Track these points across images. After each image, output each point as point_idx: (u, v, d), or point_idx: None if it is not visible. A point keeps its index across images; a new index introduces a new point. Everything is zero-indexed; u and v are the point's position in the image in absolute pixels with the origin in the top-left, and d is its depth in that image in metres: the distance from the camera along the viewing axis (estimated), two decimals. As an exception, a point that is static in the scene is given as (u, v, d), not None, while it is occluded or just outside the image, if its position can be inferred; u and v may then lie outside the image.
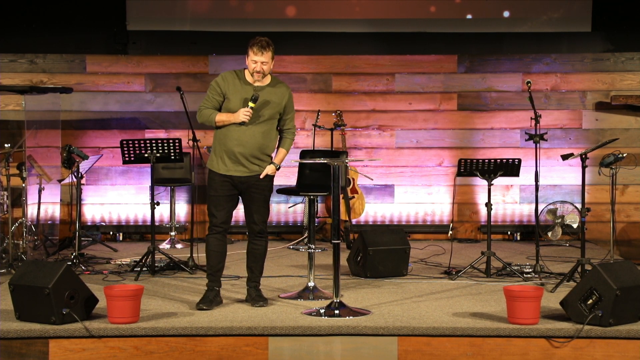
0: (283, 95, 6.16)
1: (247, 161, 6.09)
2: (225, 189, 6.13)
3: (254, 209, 6.18)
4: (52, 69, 9.68)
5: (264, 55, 5.99)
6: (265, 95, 6.09)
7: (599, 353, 5.56)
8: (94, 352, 5.55)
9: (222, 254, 6.22)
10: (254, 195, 6.16)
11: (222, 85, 6.12)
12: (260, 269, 6.31)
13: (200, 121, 6.21)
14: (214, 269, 6.22)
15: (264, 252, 6.29)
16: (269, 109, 6.10)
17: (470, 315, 5.93)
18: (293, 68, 9.78)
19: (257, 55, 6.00)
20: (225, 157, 6.10)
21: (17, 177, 8.02)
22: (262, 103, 6.07)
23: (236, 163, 6.09)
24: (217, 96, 6.13)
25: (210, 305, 6.11)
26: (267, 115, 6.09)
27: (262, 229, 6.23)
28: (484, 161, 7.47)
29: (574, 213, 9.31)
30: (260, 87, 6.10)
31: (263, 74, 6.06)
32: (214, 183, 6.15)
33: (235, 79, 6.14)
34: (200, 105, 6.19)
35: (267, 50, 5.99)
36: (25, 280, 5.72)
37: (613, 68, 9.73)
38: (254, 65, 6.03)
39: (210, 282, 6.23)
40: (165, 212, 9.44)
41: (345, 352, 5.60)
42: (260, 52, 5.99)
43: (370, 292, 6.72)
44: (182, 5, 9.67)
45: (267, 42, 6.02)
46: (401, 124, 9.80)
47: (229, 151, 6.08)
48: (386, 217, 9.82)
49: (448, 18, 9.72)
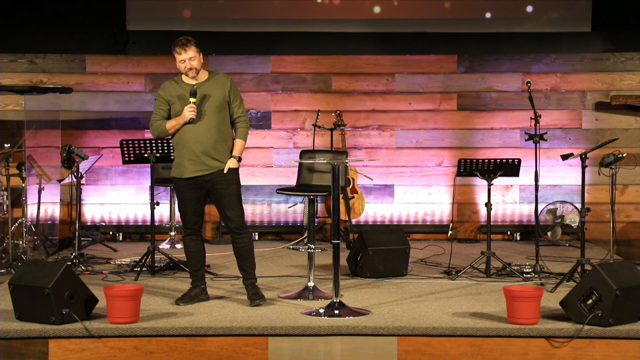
0: (224, 84, 6.22)
1: (208, 157, 6.12)
2: (192, 192, 6.18)
3: (224, 205, 6.18)
4: (51, 69, 9.68)
5: (188, 52, 6.11)
6: (205, 89, 6.16)
7: (599, 353, 5.56)
8: (94, 352, 5.55)
9: (199, 253, 6.31)
10: (222, 191, 6.17)
11: (163, 95, 6.24)
12: (251, 265, 6.30)
13: (155, 135, 6.32)
14: (194, 268, 6.33)
15: (249, 247, 6.27)
16: (213, 101, 6.15)
17: (470, 315, 5.93)
18: (293, 68, 9.78)
19: (182, 54, 6.13)
20: (185, 161, 6.14)
21: (17, 177, 8.02)
22: (203, 97, 6.14)
23: (196, 163, 6.12)
24: (162, 106, 6.23)
25: (189, 302, 6.21)
26: (214, 108, 6.14)
27: (239, 224, 6.21)
28: (484, 161, 7.47)
29: (573, 213, 9.31)
30: (198, 83, 6.18)
31: (195, 69, 6.15)
32: (179, 188, 6.22)
33: (173, 85, 6.25)
34: (151, 120, 6.30)
35: (189, 46, 6.12)
36: (25, 280, 5.72)
37: (613, 68, 9.74)
38: (183, 64, 6.14)
39: (193, 280, 6.33)
40: (165, 212, 9.45)
41: (345, 352, 5.60)
42: (183, 50, 6.12)
43: (370, 292, 6.72)
44: (182, 5, 9.66)
45: (187, 39, 6.17)
46: (401, 124, 9.80)
47: (189, 151, 6.12)
48: (386, 217, 9.82)
49: (448, 18, 9.72)
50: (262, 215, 9.81)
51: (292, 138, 9.73)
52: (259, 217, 9.80)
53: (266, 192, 9.77)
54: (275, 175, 9.75)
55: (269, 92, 9.78)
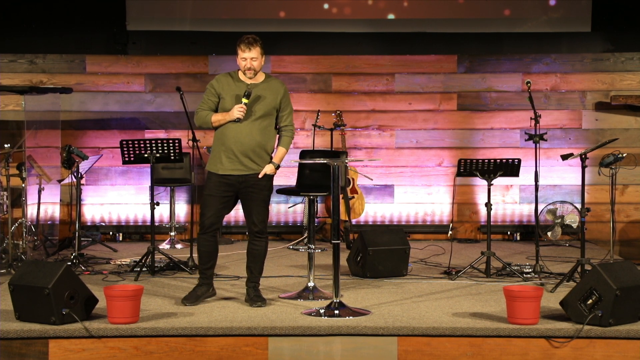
0: (278, 91, 6.18)
1: (246, 159, 6.10)
2: (221, 190, 6.14)
3: (252, 208, 6.18)
4: (51, 69, 9.68)
5: (252, 51, 6.05)
6: (259, 91, 6.12)
7: (599, 353, 5.56)
8: (94, 353, 5.55)
9: (211, 253, 6.27)
10: (253, 194, 6.16)
11: (216, 87, 6.18)
12: (259, 269, 6.31)
13: (198, 124, 6.25)
14: (204, 266, 6.30)
15: (263, 252, 6.28)
16: (263, 105, 6.11)
17: (470, 315, 5.93)
18: (293, 68, 9.78)
19: (246, 52, 6.06)
20: (223, 157, 6.11)
21: (17, 177, 8.02)
22: (255, 99, 6.09)
23: (234, 162, 6.10)
24: (212, 97, 6.18)
25: (195, 301, 6.19)
26: (262, 112, 6.11)
27: (261, 229, 6.22)
28: (484, 161, 7.47)
29: (573, 213, 9.31)
30: (253, 84, 6.13)
31: (254, 71, 6.11)
32: (210, 183, 6.17)
33: (228, 79, 6.20)
34: (197, 108, 6.25)
35: (254, 46, 6.06)
36: (25, 280, 5.72)
37: (613, 68, 9.73)
38: (244, 62, 6.09)
39: (201, 278, 6.32)
40: (165, 212, 9.44)
41: (345, 352, 5.60)
42: (247, 48, 6.05)
43: (370, 292, 6.72)
44: (182, 5, 9.66)
45: (254, 39, 6.09)
46: (401, 124, 9.80)
47: (228, 150, 6.09)
48: (386, 217, 9.82)
49: (448, 18, 9.72)
50: (262, 215, 9.79)
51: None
52: (259, 217, 9.79)
53: (266, 192, 9.76)
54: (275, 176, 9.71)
55: (269, 92, 9.77)
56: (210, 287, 6.33)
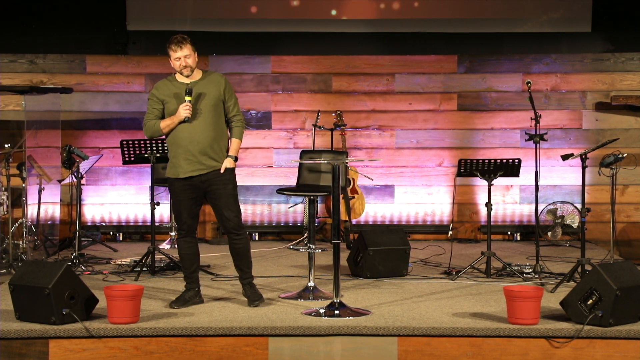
0: (219, 83, 6.18)
1: (204, 157, 6.07)
2: (187, 193, 6.13)
3: (222, 205, 6.13)
4: (52, 69, 9.69)
5: (184, 49, 6.07)
6: (200, 87, 6.12)
7: (599, 353, 5.56)
8: (94, 353, 5.55)
9: (193, 255, 6.26)
10: (218, 191, 6.12)
11: (157, 94, 6.17)
12: (247, 264, 6.27)
13: (148, 135, 6.24)
14: (188, 270, 6.27)
15: (246, 248, 6.24)
16: (208, 99, 6.11)
17: (470, 316, 5.93)
18: (293, 68, 9.78)
19: (177, 52, 6.08)
20: (181, 160, 6.09)
21: (17, 177, 8.02)
22: (199, 96, 6.09)
23: (193, 163, 6.07)
24: (156, 105, 6.17)
25: (184, 305, 6.15)
26: (209, 107, 6.10)
27: (236, 224, 6.15)
28: (484, 161, 7.47)
29: (574, 213, 9.31)
30: (192, 82, 6.14)
31: (190, 68, 6.11)
32: (175, 188, 6.17)
33: (167, 83, 6.21)
34: (144, 121, 6.22)
35: (184, 44, 6.08)
36: (25, 280, 5.72)
37: (613, 68, 9.74)
38: (178, 62, 6.10)
39: (187, 283, 6.28)
40: (165, 212, 9.45)
41: (345, 352, 5.60)
42: (178, 47, 6.08)
43: (370, 292, 6.72)
44: (182, 5, 9.67)
45: (182, 37, 6.13)
46: (401, 124, 9.80)
47: (185, 151, 6.07)
48: (386, 217, 9.82)
49: (448, 18, 9.72)
50: (263, 215, 9.81)
51: (292, 138, 9.73)
52: (259, 218, 9.81)
53: (266, 192, 9.78)
54: (275, 176, 9.75)
55: (269, 92, 9.78)
56: (198, 293, 6.28)
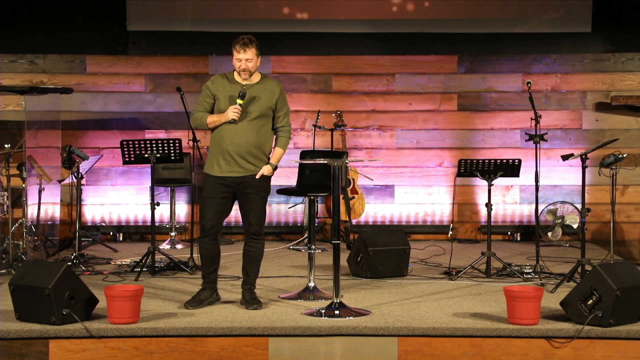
0: (273, 91, 6.14)
1: (243, 160, 6.05)
2: (219, 191, 6.09)
3: (250, 210, 6.12)
4: (52, 69, 9.69)
5: (247, 52, 6.03)
6: (254, 92, 6.09)
7: (599, 353, 5.56)
8: (94, 353, 5.55)
9: (213, 256, 6.21)
10: (250, 195, 6.11)
11: (211, 88, 6.14)
12: (255, 271, 6.25)
13: (194, 126, 6.23)
14: (207, 270, 6.24)
15: (259, 254, 6.22)
16: (259, 105, 6.08)
17: (471, 316, 5.93)
18: (293, 68, 9.78)
19: (241, 53, 6.04)
20: (220, 159, 6.07)
21: (17, 177, 8.02)
22: (251, 100, 6.06)
23: (231, 163, 6.05)
24: (207, 99, 6.15)
25: (199, 305, 6.13)
26: (258, 112, 6.07)
27: (258, 230, 6.15)
28: (484, 161, 7.47)
29: (574, 213, 9.31)
30: (248, 85, 6.10)
31: (249, 72, 6.08)
32: (208, 185, 6.13)
33: (224, 80, 6.16)
34: (193, 110, 6.21)
35: (249, 47, 6.03)
36: (25, 280, 5.72)
37: (613, 68, 9.74)
38: (239, 63, 6.06)
39: (204, 282, 6.27)
40: (165, 213, 9.44)
41: (346, 352, 5.60)
42: (243, 49, 6.03)
43: (370, 293, 6.72)
44: (182, 5, 9.67)
45: (250, 39, 6.07)
46: (401, 125, 9.80)
47: (224, 151, 6.05)
48: (386, 218, 9.82)
49: (448, 18, 9.72)
50: (263, 215, 9.79)
51: (292, 138, 9.72)
52: (259, 218, 9.79)
53: (266, 192, 9.76)
54: (275, 176, 9.61)
55: (269, 92, 9.77)
56: (215, 291, 6.27)
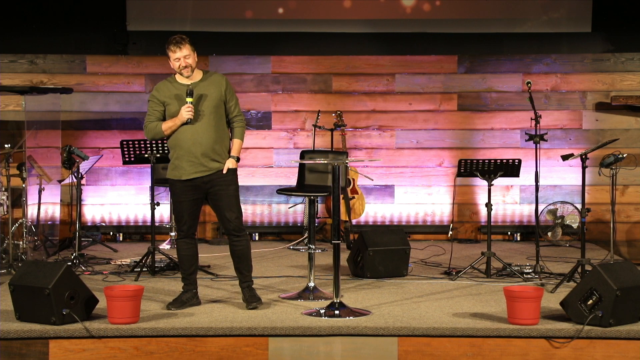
0: (219, 84, 6.13)
1: (207, 158, 6.02)
2: (189, 193, 6.09)
3: (223, 206, 6.09)
4: (52, 69, 9.69)
5: (183, 50, 6.02)
6: (201, 89, 6.07)
7: (599, 353, 5.56)
8: (94, 353, 5.55)
9: (192, 257, 6.22)
10: (220, 192, 6.08)
11: (157, 96, 6.12)
12: (248, 268, 6.23)
13: (150, 137, 6.19)
14: (187, 272, 6.23)
15: (246, 250, 6.20)
16: (209, 100, 6.06)
17: (471, 316, 5.93)
18: (293, 68, 9.78)
19: (177, 52, 6.03)
20: (184, 162, 6.05)
21: (17, 177, 8.03)
22: (200, 97, 6.04)
23: (196, 164, 6.03)
24: (157, 107, 6.12)
25: (181, 306, 6.12)
26: (211, 108, 6.05)
27: (237, 225, 6.12)
28: (484, 161, 7.47)
29: (574, 213, 9.31)
30: (193, 83, 6.10)
31: (191, 68, 6.07)
32: (176, 190, 6.13)
33: (167, 85, 6.16)
34: (145, 123, 6.17)
35: (183, 44, 6.03)
36: (25, 280, 5.72)
37: (613, 68, 9.74)
38: (178, 62, 6.05)
39: (185, 284, 6.24)
40: (165, 213, 9.45)
41: (346, 352, 5.60)
42: (177, 47, 6.03)
43: (371, 293, 6.72)
44: (182, 5, 9.67)
45: (181, 37, 6.08)
46: (401, 125, 9.80)
47: (188, 153, 6.02)
48: (386, 218, 9.82)
49: (448, 18, 9.72)
50: (263, 215, 9.81)
51: (292, 138, 9.73)
52: (259, 218, 9.80)
53: (266, 192, 9.77)
54: (275, 176, 9.75)
55: (269, 92, 9.78)
56: (195, 294, 6.26)
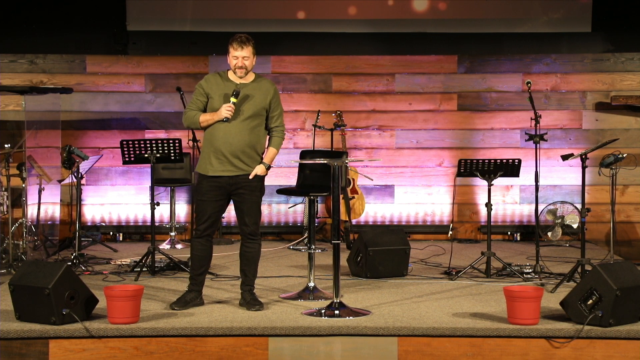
0: (267, 91, 6.09)
1: (236, 159, 6.01)
2: (213, 194, 6.06)
3: (244, 210, 6.09)
4: (52, 69, 9.69)
5: (244, 50, 5.98)
6: (248, 90, 6.04)
7: (599, 353, 5.56)
8: (94, 353, 5.55)
9: (204, 258, 6.17)
10: (244, 196, 6.08)
11: (205, 86, 6.08)
12: (253, 272, 6.21)
13: (186, 124, 6.15)
14: (196, 272, 6.19)
15: (256, 255, 6.18)
16: (252, 104, 6.03)
17: (470, 316, 5.93)
18: (293, 68, 9.79)
19: (237, 51, 5.99)
20: (213, 158, 6.03)
21: (17, 177, 8.02)
22: (245, 99, 6.01)
23: (224, 163, 6.01)
24: (201, 97, 6.08)
25: (184, 306, 6.10)
26: (251, 112, 6.02)
27: (253, 230, 6.12)
28: (484, 161, 7.47)
29: (574, 213, 9.31)
30: (242, 84, 6.06)
31: (245, 70, 6.03)
32: (202, 187, 6.10)
33: (217, 78, 6.11)
34: (185, 109, 6.15)
35: (247, 45, 5.99)
36: (25, 280, 5.72)
37: (613, 68, 9.74)
38: (235, 60, 6.01)
39: (191, 284, 6.21)
40: (165, 213, 9.45)
41: (346, 352, 5.60)
42: (240, 47, 5.99)
43: (370, 293, 6.72)
44: (182, 5, 9.67)
45: (247, 38, 6.03)
46: (401, 124, 9.80)
47: (217, 150, 6.01)
48: (386, 218, 9.82)
49: (448, 18, 9.72)
50: (262, 215, 9.79)
51: (292, 138, 9.73)
52: (259, 218, 9.79)
53: (266, 192, 9.69)
54: (275, 176, 9.74)
55: (269, 92, 9.77)
56: (200, 294, 6.23)
